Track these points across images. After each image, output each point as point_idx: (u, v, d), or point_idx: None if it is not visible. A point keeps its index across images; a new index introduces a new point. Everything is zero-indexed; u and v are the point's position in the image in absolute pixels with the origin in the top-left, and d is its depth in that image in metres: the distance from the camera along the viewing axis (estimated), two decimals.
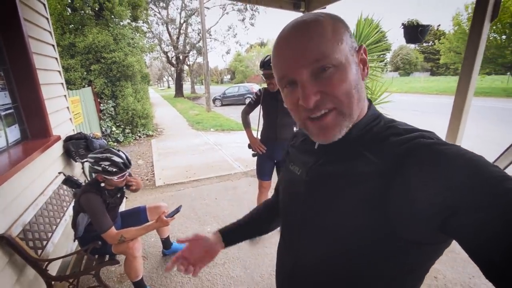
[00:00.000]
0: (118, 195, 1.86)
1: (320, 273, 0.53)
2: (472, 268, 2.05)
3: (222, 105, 16.23)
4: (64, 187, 2.21)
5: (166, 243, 2.25)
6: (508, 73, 18.16)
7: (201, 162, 4.98)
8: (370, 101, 0.53)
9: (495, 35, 15.91)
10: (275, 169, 2.44)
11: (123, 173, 1.67)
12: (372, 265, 0.45)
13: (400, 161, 0.41)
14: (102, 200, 1.65)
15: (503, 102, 13.46)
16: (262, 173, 2.43)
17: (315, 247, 0.53)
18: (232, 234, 0.77)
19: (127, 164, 1.67)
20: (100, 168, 1.61)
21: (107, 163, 1.61)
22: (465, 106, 2.00)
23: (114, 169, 1.62)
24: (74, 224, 1.71)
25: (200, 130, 8.24)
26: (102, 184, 1.69)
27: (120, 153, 1.68)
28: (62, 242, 1.96)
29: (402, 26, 2.63)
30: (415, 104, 13.38)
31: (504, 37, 15.92)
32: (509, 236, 0.29)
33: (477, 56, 1.90)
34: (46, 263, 1.55)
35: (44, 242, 1.67)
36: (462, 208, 0.33)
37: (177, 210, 1.74)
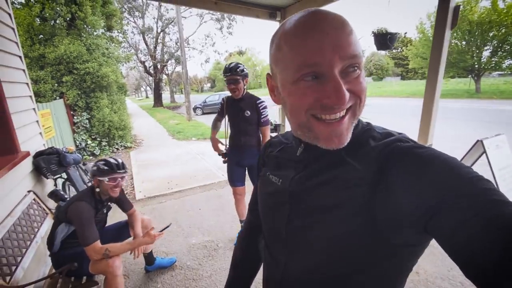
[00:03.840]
0: (105, 211, 1.82)
1: (309, 284, 0.52)
2: (450, 260, 2.15)
3: (203, 113, 16.09)
4: (35, 206, 2.06)
5: (149, 258, 2.15)
6: (469, 76, 19.63)
7: (183, 173, 4.87)
8: None
9: (456, 42, 17.23)
10: (247, 174, 2.46)
11: (114, 175, 1.69)
12: (363, 271, 0.45)
13: (382, 167, 0.41)
14: (93, 211, 1.63)
15: (467, 102, 14.54)
16: (234, 179, 2.44)
17: (303, 258, 0.52)
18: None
19: (119, 166, 1.72)
20: (95, 168, 1.68)
21: (102, 162, 1.70)
22: (434, 107, 2.13)
23: (106, 167, 1.67)
24: (51, 238, 1.63)
25: (181, 140, 8.08)
26: (97, 189, 1.70)
27: (117, 158, 1.77)
28: (33, 267, 1.82)
29: (373, 34, 2.77)
30: (389, 107, 14.05)
31: (464, 43, 17.30)
32: (486, 235, 0.30)
33: (441, 61, 2.04)
34: None
35: (13, 268, 1.53)
36: (440, 209, 0.34)
37: (166, 227, 1.75)
